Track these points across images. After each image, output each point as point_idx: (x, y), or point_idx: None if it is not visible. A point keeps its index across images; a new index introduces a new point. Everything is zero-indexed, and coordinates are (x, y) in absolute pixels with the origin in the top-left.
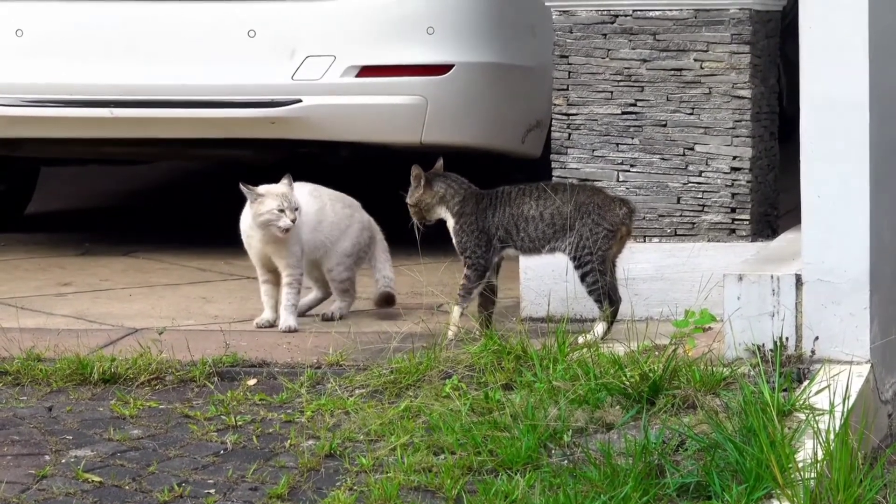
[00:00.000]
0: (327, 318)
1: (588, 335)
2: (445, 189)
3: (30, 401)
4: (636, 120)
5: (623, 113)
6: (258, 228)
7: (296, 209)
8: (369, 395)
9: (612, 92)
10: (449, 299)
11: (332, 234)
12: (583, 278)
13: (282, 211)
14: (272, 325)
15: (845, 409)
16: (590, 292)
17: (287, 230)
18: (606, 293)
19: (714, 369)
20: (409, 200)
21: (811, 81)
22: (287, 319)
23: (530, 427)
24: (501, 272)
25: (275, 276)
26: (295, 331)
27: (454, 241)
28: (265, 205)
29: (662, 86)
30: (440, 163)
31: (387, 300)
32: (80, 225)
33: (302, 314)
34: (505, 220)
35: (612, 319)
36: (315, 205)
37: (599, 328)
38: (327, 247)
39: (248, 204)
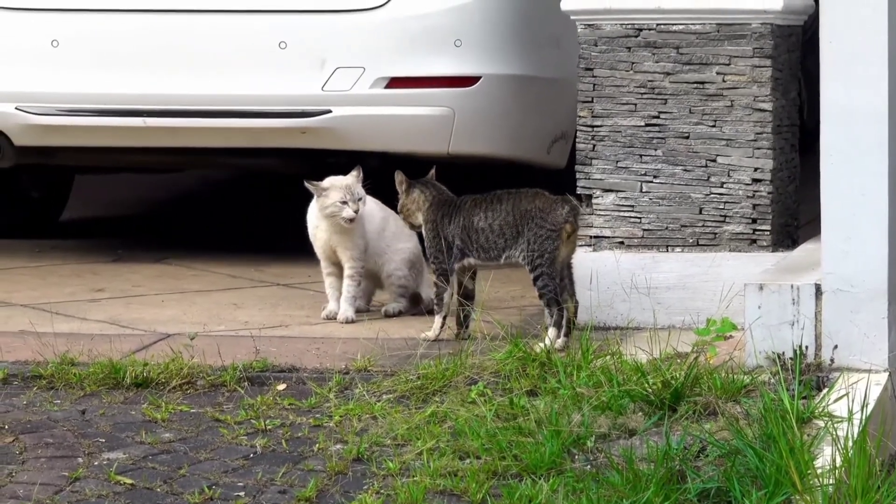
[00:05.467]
0: (389, 314)
1: (544, 342)
2: (419, 195)
3: (63, 404)
4: (659, 132)
5: (646, 125)
6: (324, 220)
7: (359, 199)
8: (396, 400)
9: (635, 104)
10: (477, 308)
11: (392, 241)
12: (534, 282)
13: (344, 203)
14: (337, 315)
15: (863, 417)
16: (540, 296)
17: (352, 220)
18: (556, 298)
19: (735, 377)
20: (398, 206)
21: (831, 93)
22: (346, 311)
23: (554, 433)
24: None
25: (338, 269)
26: (353, 321)
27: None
28: (330, 198)
29: (685, 98)
30: (432, 171)
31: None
32: (113, 232)
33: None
34: (458, 230)
35: (573, 323)
36: (381, 213)
37: (551, 333)
38: (388, 254)
39: (315, 198)
